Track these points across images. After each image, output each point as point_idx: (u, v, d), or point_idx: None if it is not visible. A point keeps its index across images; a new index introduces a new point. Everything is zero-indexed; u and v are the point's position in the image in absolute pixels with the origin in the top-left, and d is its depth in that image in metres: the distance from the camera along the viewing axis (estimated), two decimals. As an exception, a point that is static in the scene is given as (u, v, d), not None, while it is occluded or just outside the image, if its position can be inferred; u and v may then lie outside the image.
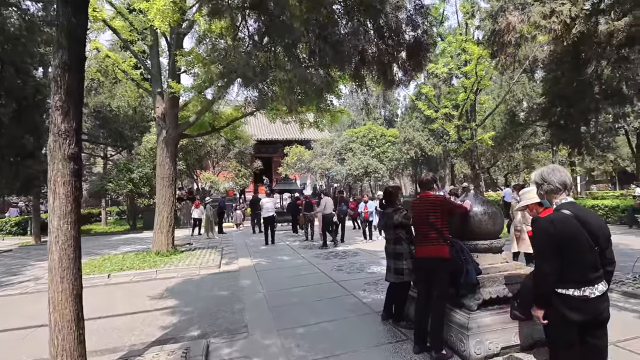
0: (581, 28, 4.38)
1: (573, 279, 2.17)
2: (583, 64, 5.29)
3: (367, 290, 5.79)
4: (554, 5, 4.30)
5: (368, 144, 23.25)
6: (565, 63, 5.29)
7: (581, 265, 2.15)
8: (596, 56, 4.96)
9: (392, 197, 4.39)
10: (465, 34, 10.68)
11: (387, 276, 4.32)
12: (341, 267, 7.81)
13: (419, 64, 4.44)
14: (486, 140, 11.11)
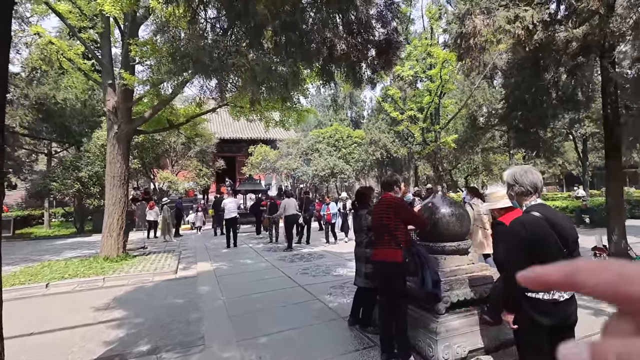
0: (542, 35, 4.50)
1: None
2: (542, 70, 5.48)
3: (333, 295, 5.61)
4: (517, 11, 4.39)
5: (334, 145, 23.25)
6: (526, 69, 5.46)
7: None
8: (554, 63, 5.14)
9: (365, 198, 4.24)
10: (431, 38, 10.93)
11: (355, 280, 4.17)
12: (306, 270, 7.59)
13: (388, 62, 4.34)
14: (449, 142, 11.43)
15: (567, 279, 0.26)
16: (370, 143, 20.56)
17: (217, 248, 11.40)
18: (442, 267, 3.66)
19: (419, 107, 12.21)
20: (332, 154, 22.63)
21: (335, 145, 23.28)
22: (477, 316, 3.42)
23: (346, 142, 23.34)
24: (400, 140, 20.00)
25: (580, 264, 0.25)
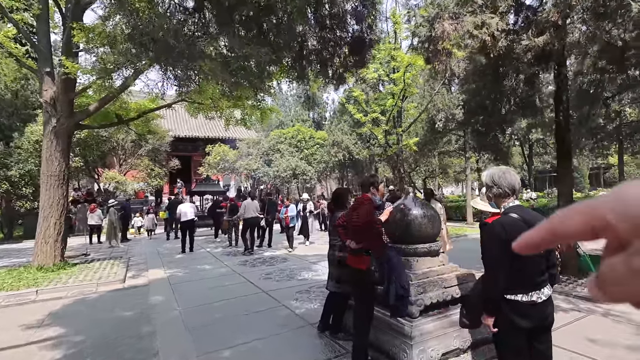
0: (505, 42, 4.65)
1: (521, 284, 2.12)
2: (502, 77, 5.70)
3: (300, 300, 5.38)
4: (484, 18, 4.49)
5: (297, 146, 22.99)
6: (487, 75, 5.66)
7: (529, 270, 2.12)
8: (513, 71, 5.35)
9: (342, 199, 4.06)
10: (395, 42, 11.11)
11: (327, 284, 3.99)
12: (270, 274, 7.28)
13: (361, 60, 4.22)
14: (411, 145, 11.69)
15: (550, 233, 0.28)
16: (333, 144, 20.58)
17: (171, 253, 10.66)
18: (415, 269, 3.59)
19: (382, 110, 12.38)
20: (294, 154, 22.35)
21: (297, 146, 23.03)
22: (449, 318, 3.38)
23: (308, 143, 23.19)
24: (363, 142, 20.24)
25: (554, 217, 0.27)
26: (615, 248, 0.25)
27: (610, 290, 0.25)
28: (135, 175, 20.31)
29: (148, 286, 6.74)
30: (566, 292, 4.99)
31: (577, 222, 0.26)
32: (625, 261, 0.23)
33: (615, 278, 0.24)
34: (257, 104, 8.68)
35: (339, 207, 4.05)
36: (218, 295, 5.84)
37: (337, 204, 4.10)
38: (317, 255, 9.38)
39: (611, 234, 0.24)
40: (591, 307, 4.47)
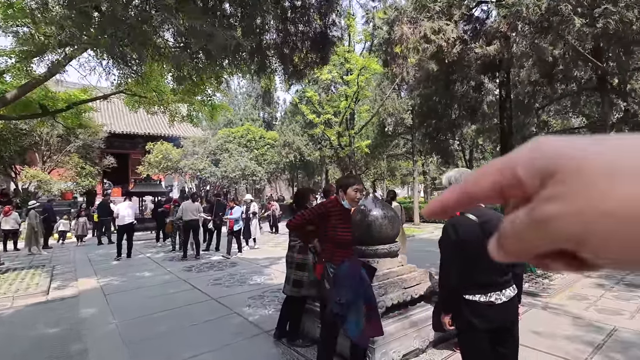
0: (459, 49, 4.86)
1: (479, 283, 2.13)
2: (452, 83, 5.98)
3: (253, 306, 5.10)
4: (441, 24, 4.65)
5: (246, 145, 22.30)
6: (439, 81, 5.88)
7: (487, 269, 2.12)
8: (464, 77, 5.63)
9: (303, 199, 3.89)
10: (349, 44, 11.26)
11: (284, 288, 3.79)
12: (219, 280, 6.86)
13: (324, 57, 4.11)
14: (363, 147, 11.90)
15: (464, 194, 0.26)
16: (284, 145, 20.29)
17: (106, 260, 9.65)
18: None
19: (334, 112, 12.47)
20: (243, 154, 21.66)
21: (247, 145, 22.36)
22: (409, 319, 3.39)
23: (259, 143, 22.64)
24: (314, 144, 20.23)
25: (467, 178, 0.26)
26: (519, 205, 0.23)
27: (508, 245, 0.23)
28: (62, 174, 18.18)
29: (77, 297, 5.98)
30: (508, 288, 5.33)
31: (489, 181, 0.24)
32: (527, 213, 0.22)
33: (514, 232, 0.23)
34: (207, 100, 8.18)
35: (299, 207, 3.88)
36: (161, 304, 5.34)
37: (298, 204, 3.92)
38: (269, 258, 9.10)
39: (519, 191, 0.23)
40: (532, 301, 4.82)
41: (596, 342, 3.47)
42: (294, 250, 3.73)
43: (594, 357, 3.19)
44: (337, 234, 2.78)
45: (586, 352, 3.26)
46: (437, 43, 4.48)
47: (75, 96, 9.54)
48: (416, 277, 3.68)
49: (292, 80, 4.64)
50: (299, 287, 3.65)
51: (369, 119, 13.50)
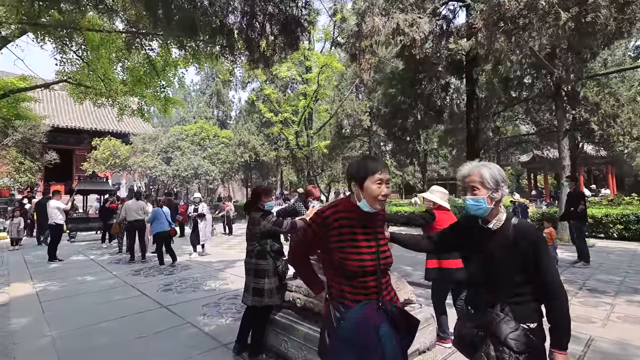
0: (431, 44, 4.98)
1: None
2: (418, 81, 6.14)
3: (208, 315, 4.91)
4: (414, 16, 4.71)
5: (200, 144, 21.46)
6: (406, 79, 5.99)
7: None
8: (432, 76, 5.81)
9: (258, 198, 3.72)
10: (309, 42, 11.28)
11: (243, 298, 3.61)
12: (169, 285, 6.53)
13: (294, 42, 3.97)
14: (322, 148, 11.94)
15: None
16: (239, 144, 19.81)
17: (44, 262, 8.80)
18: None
19: (294, 110, 12.39)
20: (196, 153, 20.82)
21: (200, 144, 21.53)
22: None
23: (213, 141, 21.88)
24: (270, 144, 20.00)
25: None
26: None
27: None
28: None
29: (8, 305, 5.38)
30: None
31: None
32: None
33: None
34: (160, 92, 7.74)
35: (256, 207, 3.72)
36: (105, 313, 4.97)
37: (254, 204, 3.74)
38: (223, 261, 8.84)
39: None
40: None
41: (577, 354, 3.51)
42: (252, 255, 3.59)
43: None
44: (348, 258, 1.66)
45: None
46: (411, 36, 4.53)
47: (12, 84, 8.57)
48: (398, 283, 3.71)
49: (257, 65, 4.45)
50: (260, 296, 3.42)
51: (327, 119, 13.60)
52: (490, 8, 4.25)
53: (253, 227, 3.56)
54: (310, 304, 3.36)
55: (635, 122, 11.57)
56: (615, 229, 11.39)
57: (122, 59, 7.43)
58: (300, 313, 3.48)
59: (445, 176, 36.82)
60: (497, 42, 4.33)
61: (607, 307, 4.95)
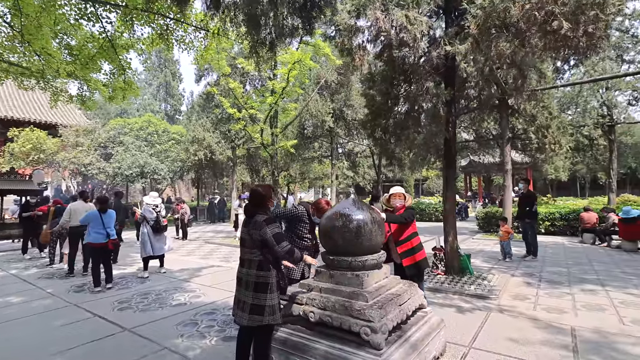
0: (427, 44, 4.68)
1: None
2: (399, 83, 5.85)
3: (187, 336, 4.00)
4: (414, 14, 4.39)
5: (146, 139, 19.35)
6: (387, 81, 5.70)
7: None
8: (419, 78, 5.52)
9: (262, 200, 3.04)
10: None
11: (238, 317, 2.88)
12: (127, 302, 5.40)
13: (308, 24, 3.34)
14: (288, 147, 11.24)
15: None
16: (193, 141, 18.18)
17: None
18: (366, 286, 3.00)
19: (259, 107, 11.56)
20: (143, 149, 18.74)
21: (147, 139, 19.43)
22: (409, 341, 2.92)
23: (162, 137, 19.89)
24: (227, 141, 18.67)
25: None
26: None
27: None
28: None
29: None
30: (459, 292, 5.37)
31: None
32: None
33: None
34: (118, 75, 6.45)
35: (257, 210, 3.00)
36: (46, 345, 3.80)
37: (256, 206, 3.03)
38: (185, 270, 7.78)
39: None
40: (486, 305, 4.89)
41: (569, 345, 3.54)
42: (252, 265, 2.87)
43: None
44: None
45: (570, 357, 3.28)
46: (413, 34, 4.21)
47: None
48: (407, 291, 3.24)
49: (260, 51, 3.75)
50: (261, 314, 2.77)
51: (293, 118, 12.95)
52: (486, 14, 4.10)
53: (255, 232, 2.85)
54: (328, 317, 2.85)
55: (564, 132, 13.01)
56: (544, 225, 12.70)
57: (69, 32, 6.05)
58: (315, 329, 3.03)
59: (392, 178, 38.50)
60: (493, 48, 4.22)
61: (569, 297, 5.29)
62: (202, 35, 5.86)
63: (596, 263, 7.78)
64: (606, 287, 5.80)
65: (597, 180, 35.94)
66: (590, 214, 11.16)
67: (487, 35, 4.20)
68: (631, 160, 33.75)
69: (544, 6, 3.68)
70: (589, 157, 21.13)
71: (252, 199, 3.05)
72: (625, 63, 16.28)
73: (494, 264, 7.83)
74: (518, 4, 3.80)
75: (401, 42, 4.65)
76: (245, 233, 3.00)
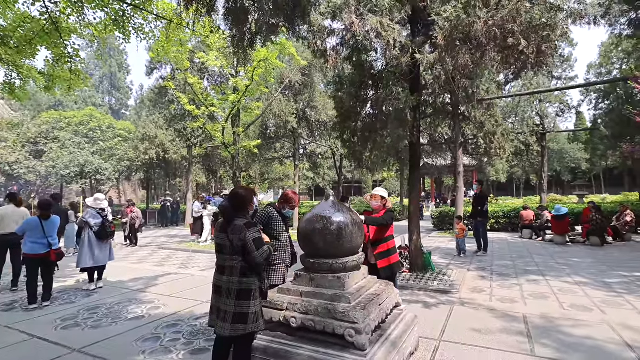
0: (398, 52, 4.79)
1: None
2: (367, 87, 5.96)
3: (151, 352, 3.67)
4: (387, 21, 4.46)
5: (87, 136, 17.66)
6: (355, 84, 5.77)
7: None
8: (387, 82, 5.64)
9: (242, 202, 2.86)
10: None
11: (217, 328, 2.68)
12: (73, 319, 4.81)
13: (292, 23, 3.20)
14: (251, 147, 10.90)
15: None
16: (143, 139, 16.91)
17: None
18: (348, 288, 2.97)
19: (221, 105, 11.08)
20: (83, 146, 17.10)
21: (89, 136, 17.76)
22: (389, 339, 2.93)
23: (106, 134, 18.29)
24: (182, 140, 17.66)
25: None
26: None
27: None
28: None
29: None
30: (424, 288, 5.58)
31: None
32: None
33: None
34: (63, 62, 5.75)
35: (237, 213, 2.84)
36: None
37: (236, 209, 2.86)
38: (139, 279, 7.19)
39: None
40: (449, 299, 5.13)
41: (524, 332, 3.88)
42: (234, 272, 2.70)
43: (534, 346, 3.50)
44: None
45: (525, 342, 3.59)
46: (386, 39, 4.28)
47: None
48: (385, 290, 3.27)
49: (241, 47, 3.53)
50: (245, 323, 2.61)
51: (256, 117, 12.62)
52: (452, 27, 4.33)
53: (235, 237, 2.68)
54: (311, 322, 2.80)
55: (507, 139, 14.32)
56: (490, 223, 13.68)
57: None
58: (297, 334, 2.94)
59: (351, 179, 39.50)
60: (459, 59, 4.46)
61: (518, 287, 5.83)
62: (163, 25, 5.45)
63: (536, 256, 8.64)
64: (546, 277, 6.48)
65: (529, 181, 39.89)
66: (528, 211, 12.29)
67: (453, 46, 4.40)
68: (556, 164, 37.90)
69: (505, 24, 3.96)
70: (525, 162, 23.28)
71: (233, 202, 2.86)
72: (554, 79, 18.36)
73: (451, 260, 8.28)
74: (482, 19, 4.04)
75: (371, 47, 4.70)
76: (223, 239, 2.78)
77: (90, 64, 26.92)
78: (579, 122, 37.73)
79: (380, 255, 4.10)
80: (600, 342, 3.59)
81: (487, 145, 13.99)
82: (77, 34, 5.38)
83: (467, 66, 4.57)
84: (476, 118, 12.22)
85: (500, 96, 14.80)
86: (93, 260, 6.37)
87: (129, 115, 25.46)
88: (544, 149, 18.96)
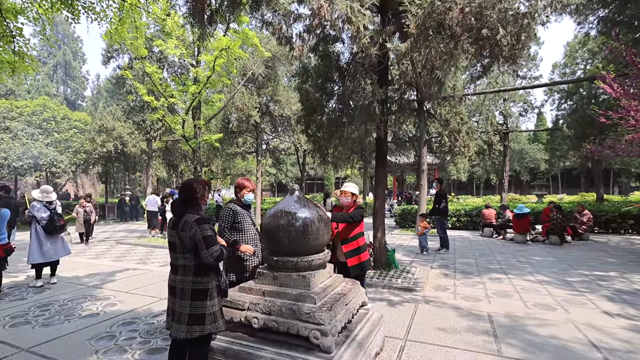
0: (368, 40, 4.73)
1: None
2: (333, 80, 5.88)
3: (104, 351, 3.44)
4: (357, 6, 4.37)
5: (41, 126, 16.37)
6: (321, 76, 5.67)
7: None
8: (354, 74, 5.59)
9: (195, 196, 2.67)
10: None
11: (172, 330, 2.53)
12: (23, 316, 4.47)
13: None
14: (213, 141, 10.50)
15: None
16: (100, 131, 15.92)
17: None
18: (313, 287, 2.90)
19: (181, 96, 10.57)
20: (37, 137, 15.85)
21: (42, 127, 16.47)
22: (356, 340, 2.90)
23: (61, 125, 17.05)
24: (141, 133, 16.81)
25: None
26: None
27: None
28: None
29: None
30: (388, 285, 5.62)
31: None
32: None
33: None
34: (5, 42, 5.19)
35: (188, 207, 2.63)
36: None
37: (187, 203, 2.66)
38: (97, 275, 6.82)
39: None
40: (413, 297, 5.18)
41: (489, 331, 3.90)
42: (187, 271, 2.54)
43: (500, 346, 3.51)
44: None
45: (492, 342, 3.61)
46: (357, 25, 4.20)
47: None
48: (351, 290, 3.23)
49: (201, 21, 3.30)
50: (201, 324, 2.48)
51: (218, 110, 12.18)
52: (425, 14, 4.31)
53: (184, 234, 2.52)
54: (274, 322, 2.73)
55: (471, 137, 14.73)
56: (451, 221, 14.24)
57: None
58: (258, 335, 2.85)
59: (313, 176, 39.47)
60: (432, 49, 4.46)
61: (481, 286, 5.88)
62: (117, 4, 5.06)
63: (497, 254, 8.81)
64: (508, 275, 6.55)
65: (489, 181, 41.73)
66: (490, 210, 12.78)
67: (426, 35, 4.36)
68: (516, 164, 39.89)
69: (483, 11, 3.96)
70: (487, 161, 24.17)
71: (182, 195, 2.67)
72: (519, 78, 19.02)
73: (414, 257, 8.41)
74: (458, 5, 4.01)
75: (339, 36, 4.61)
76: (174, 236, 2.61)
77: (42, 51, 24.93)
78: (540, 123, 39.35)
79: (350, 253, 3.96)
80: (566, 342, 3.60)
81: (452, 143, 14.35)
82: (23, 14, 4.88)
83: (441, 57, 4.52)
84: (442, 115, 12.48)
85: (467, 94, 15.05)
86: (42, 255, 5.94)
87: (85, 106, 23.87)
88: (506, 149, 19.68)
